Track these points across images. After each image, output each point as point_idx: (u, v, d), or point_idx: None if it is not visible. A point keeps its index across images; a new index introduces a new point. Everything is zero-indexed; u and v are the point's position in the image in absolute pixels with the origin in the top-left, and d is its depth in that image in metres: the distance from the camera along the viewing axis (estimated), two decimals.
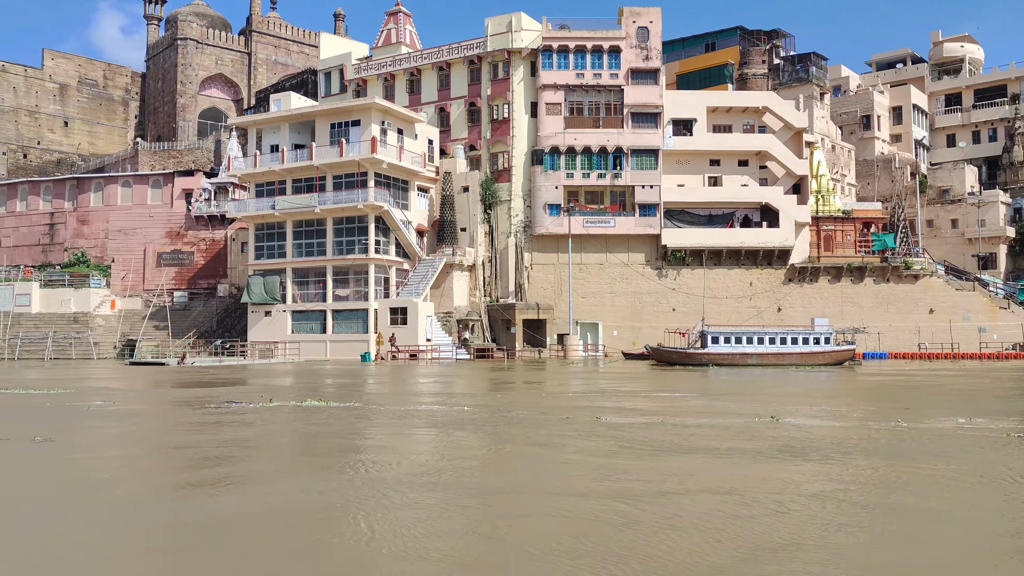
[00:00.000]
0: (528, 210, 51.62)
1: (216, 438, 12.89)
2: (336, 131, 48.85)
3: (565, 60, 51.28)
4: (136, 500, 8.33)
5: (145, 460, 11.38)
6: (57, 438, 12.93)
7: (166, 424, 15.67)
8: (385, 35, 58.79)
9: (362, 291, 48.05)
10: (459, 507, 7.78)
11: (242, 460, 10.75)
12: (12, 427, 14.56)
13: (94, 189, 63.14)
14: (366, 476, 9.42)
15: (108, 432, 14.40)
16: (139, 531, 7.07)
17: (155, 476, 10.07)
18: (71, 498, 8.47)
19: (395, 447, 12.03)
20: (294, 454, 11.64)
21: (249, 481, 9.28)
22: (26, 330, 57.09)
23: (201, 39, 79.36)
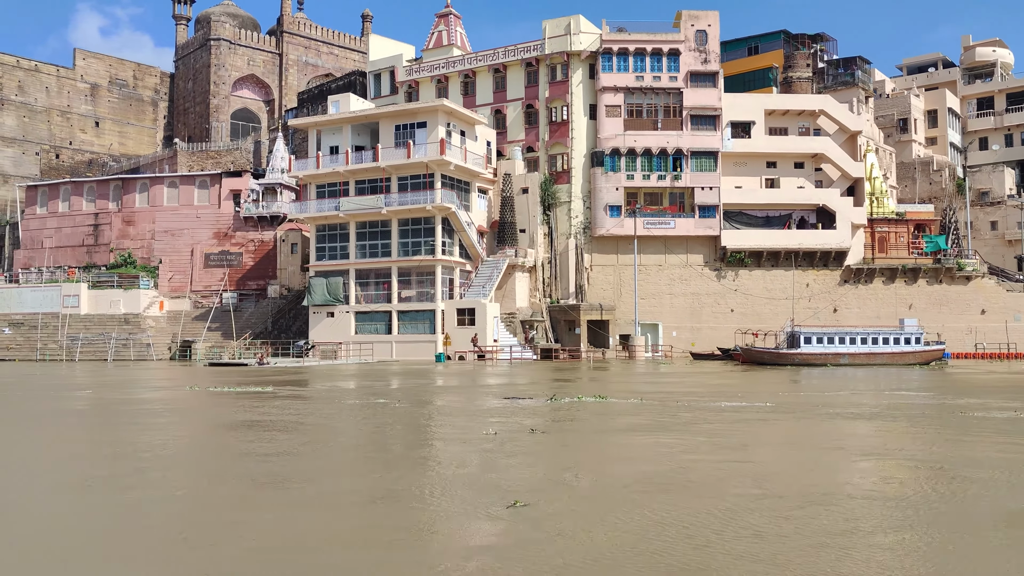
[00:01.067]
0: (588, 211, 51.96)
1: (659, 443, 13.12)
2: (401, 133, 49.00)
3: (624, 63, 51.66)
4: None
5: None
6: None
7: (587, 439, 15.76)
8: (436, 37, 58.91)
9: (428, 292, 48.19)
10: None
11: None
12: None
13: (139, 190, 62.94)
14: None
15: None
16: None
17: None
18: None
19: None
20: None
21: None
22: (76, 331, 56.85)
23: (234, 40, 79.21)
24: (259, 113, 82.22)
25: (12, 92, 73.69)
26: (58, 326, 57.99)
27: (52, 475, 10.01)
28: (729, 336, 50.78)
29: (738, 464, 10.22)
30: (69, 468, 10.45)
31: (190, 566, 6.06)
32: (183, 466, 10.66)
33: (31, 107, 74.83)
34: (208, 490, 9.01)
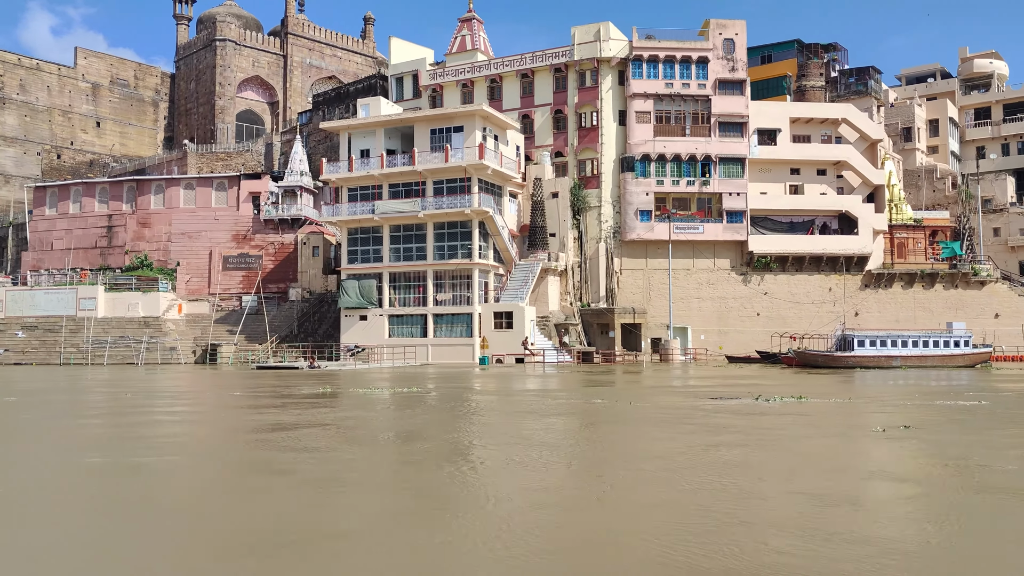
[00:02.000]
0: (617, 216, 52.56)
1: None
2: (437, 137, 49.15)
3: (654, 70, 52.41)
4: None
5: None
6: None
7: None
8: (459, 41, 59.14)
9: (463, 295, 48.37)
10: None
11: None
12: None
13: (154, 191, 62.20)
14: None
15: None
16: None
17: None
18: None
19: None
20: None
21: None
22: (95, 334, 56.01)
23: (239, 41, 78.56)
24: (263, 115, 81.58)
25: (14, 91, 72.27)
26: (74, 329, 57.08)
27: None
28: (755, 339, 51.76)
29: None
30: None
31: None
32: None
33: (32, 106, 73.45)
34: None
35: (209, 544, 6.78)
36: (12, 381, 32.14)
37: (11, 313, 59.27)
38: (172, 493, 8.89)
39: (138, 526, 7.35)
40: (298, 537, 6.72)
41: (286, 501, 8.20)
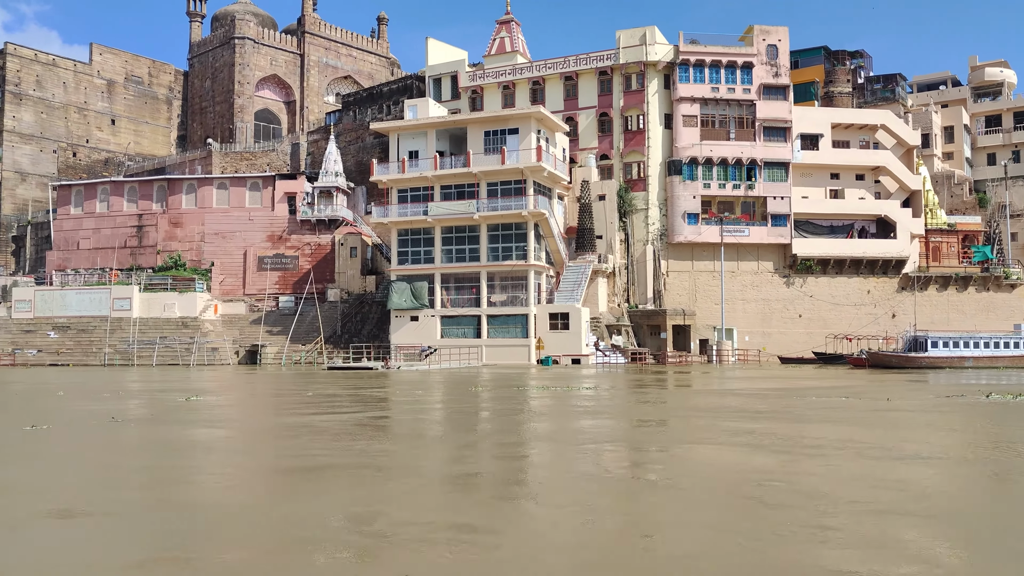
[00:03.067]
0: (664, 218, 53.08)
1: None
2: (491, 138, 49.26)
3: (700, 74, 53.06)
4: None
5: None
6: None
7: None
8: (498, 43, 59.30)
9: (517, 296, 48.52)
10: None
11: None
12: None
13: (186, 190, 61.43)
14: None
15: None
16: None
17: None
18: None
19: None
20: None
21: None
22: (130, 335, 55.20)
23: (258, 39, 77.84)
24: (279, 114, 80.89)
25: (30, 87, 70.85)
26: (110, 330, 56.21)
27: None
28: (798, 341, 52.65)
29: None
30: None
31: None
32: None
33: (49, 103, 72.06)
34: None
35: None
36: (92, 391, 31.59)
37: (40, 313, 58.20)
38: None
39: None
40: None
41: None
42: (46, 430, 14.47)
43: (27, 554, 6.38)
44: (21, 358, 54.13)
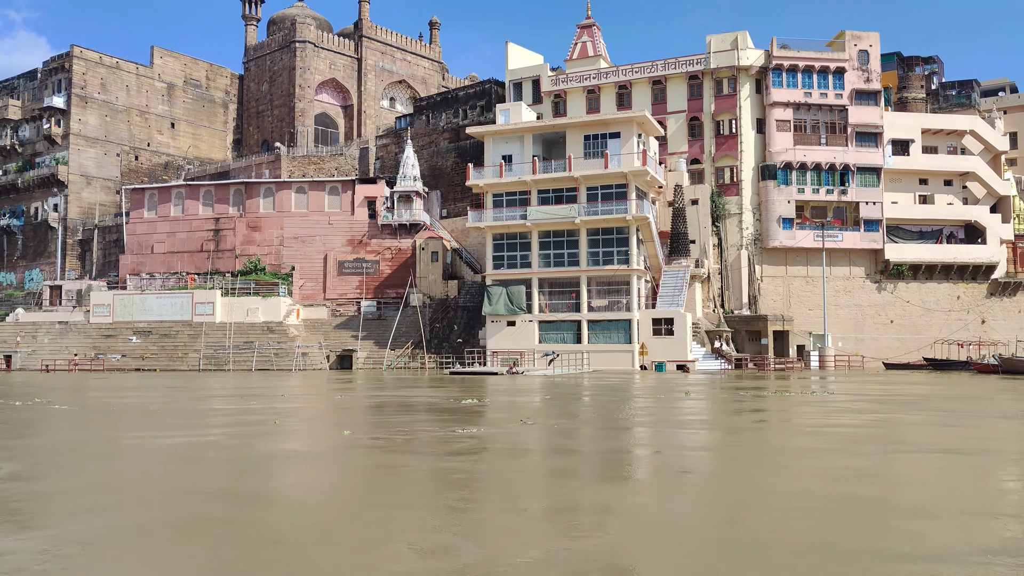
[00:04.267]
0: (757, 223, 52.91)
1: None
2: (591, 142, 49.03)
3: (793, 79, 52.95)
4: None
5: None
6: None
7: None
8: (580, 48, 59.13)
9: (618, 301, 48.24)
10: None
11: None
12: None
13: (263, 194, 61.06)
14: None
15: None
16: None
17: None
18: None
19: None
20: None
21: None
22: (217, 339, 54.82)
23: (317, 42, 77.54)
24: (336, 118, 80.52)
25: (95, 90, 70.34)
26: (193, 334, 55.78)
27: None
28: (889, 347, 52.49)
29: None
30: None
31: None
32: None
33: (112, 106, 71.54)
34: None
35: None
36: (252, 397, 31.15)
37: (120, 318, 57.76)
38: None
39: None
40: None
41: None
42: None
43: None
44: (106, 363, 53.64)
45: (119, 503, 8.48)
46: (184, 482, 9.78)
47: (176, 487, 9.42)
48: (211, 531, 7.20)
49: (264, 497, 8.92)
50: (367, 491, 9.21)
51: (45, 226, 69.80)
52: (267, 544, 6.71)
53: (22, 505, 8.31)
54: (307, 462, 11.83)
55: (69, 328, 58.18)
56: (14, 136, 72.48)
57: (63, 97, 68.89)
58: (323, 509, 8.31)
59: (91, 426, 17.37)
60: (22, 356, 55.80)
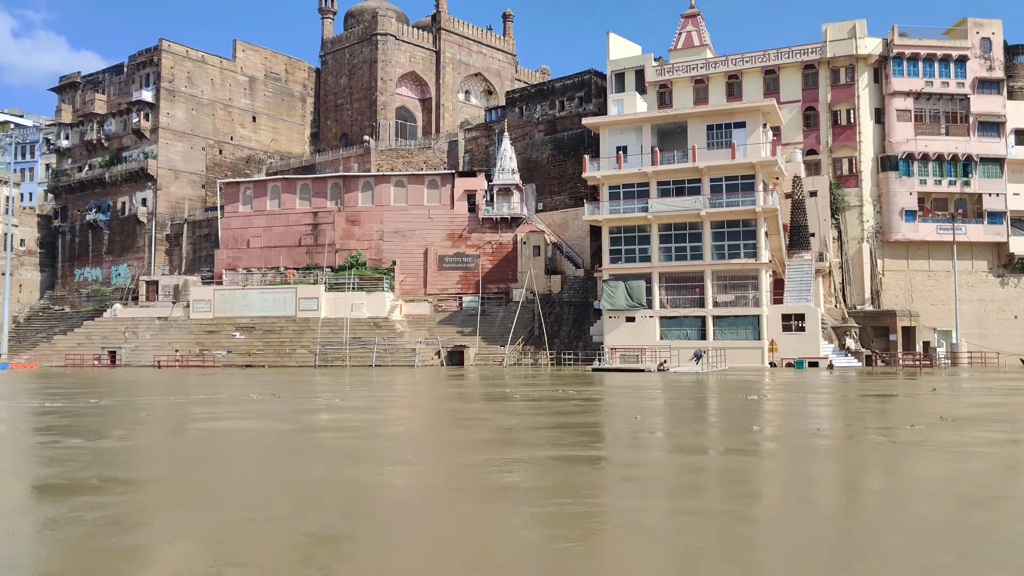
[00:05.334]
0: (878, 216, 51.62)
1: None
2: (714, 133, 47.92)
3: (914, 68, 51.59)
4: None
5: None
6: None
7: None
8: (684, 37, 57.99)
9: (743, 296, 47.14)
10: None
11: None
12: None
13: (362, 188, 60.42)
14: None
15: None
16: None
17: None
18: None
19: None
20: None
21: None
22: (323, 335, 54.25)
23: (398, 35, 76.81)
24: (415, 112, 79.81)
25: (182, 84, 69.99)
26: (298, 330, 55.27)
27: None
28: (1014, 343, 51.02)
29: None
30: None
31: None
32: None
33: (198, 100, 71.19)
34: None
35: None
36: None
37: (220, 314, 57.37)
38: None
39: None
40: None
41: None
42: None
43: None
44: (216, 359, 53.23)
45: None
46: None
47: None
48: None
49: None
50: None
51: (133, 220, 69.59)
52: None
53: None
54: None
55: (169, 324, 57.89)
56: (100, 130, 72.32)
57: (151, 91, 68.59)
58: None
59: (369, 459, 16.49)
60: (126, 352, 55.52)
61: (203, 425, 16.18)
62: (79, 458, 10.94)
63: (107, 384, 31.98)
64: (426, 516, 7.54)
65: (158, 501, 8.22)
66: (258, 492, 8.69)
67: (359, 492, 8.60)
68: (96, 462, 10.68)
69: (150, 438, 14.16)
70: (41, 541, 6.59)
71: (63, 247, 75.27)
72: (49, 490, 8.76)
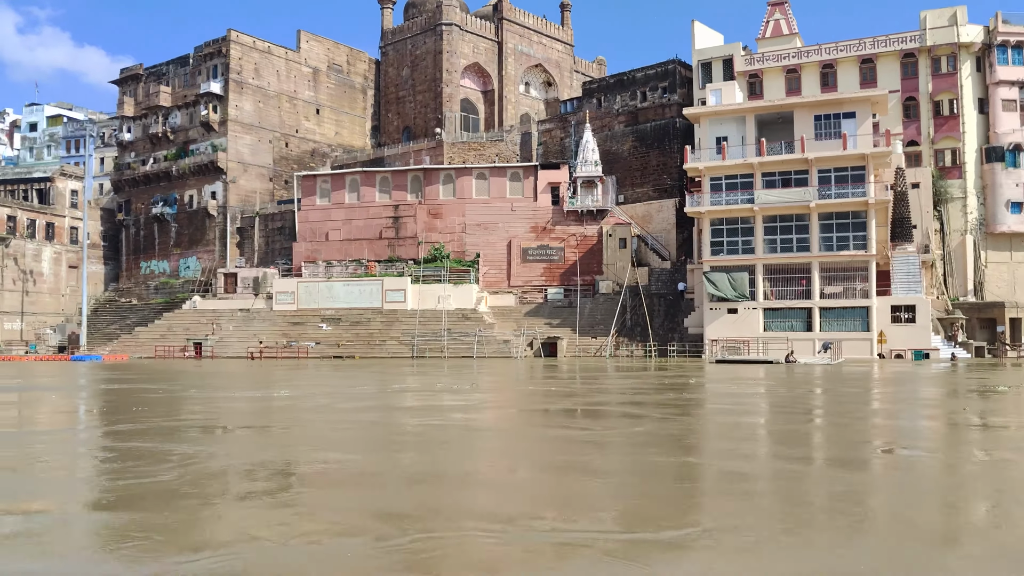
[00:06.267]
0: (982, 207, 50.78)
1: None
2: (820, 123, 47.13)
3: (1019, 56, 50.70)
4: None
5: None
6: None
7: None
8: (773, 26, 57.17)
9: (850, 288, 46.40)
10: None
11: None
12: None
13: (443, 181, 59.74)
14: None
15: None
16: None
17: None
18: None
19: None
20: None
21: None
22: (409, 327, 53.63)
23: (463, 25, 76.05)
24: (476, 103, 79.04)
25: (249, 75, 69.29)
26: (386, 322, 54.70)
27: None
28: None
29: None
30: None
31: None
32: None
33: (265, 91, 70.50)
34: None
35: None
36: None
37: (304, 305, 56.84)
38: None
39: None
40: None
41: None
42: None
43: None
44: (308, 350, 52.70)
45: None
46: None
47: None
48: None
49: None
50: None
51: (202, 213, 68.99)
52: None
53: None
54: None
55: (252, 316, 57.35)
56: (164, 123, 71.71)
57: (219, 83, 67.94)
58: None
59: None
60: (212, 343, 55.00)
61: (480, 418, 15.51)
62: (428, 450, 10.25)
63: (234, 377, 31.38)
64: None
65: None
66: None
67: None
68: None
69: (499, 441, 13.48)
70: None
71: (127, 240, 74.76)
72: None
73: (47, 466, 9.60)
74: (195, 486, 7.73)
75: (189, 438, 11.82)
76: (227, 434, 12.93)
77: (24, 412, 17.92)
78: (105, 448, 11.02)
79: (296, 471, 8.91)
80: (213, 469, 8.94)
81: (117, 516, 6.66)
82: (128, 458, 9.73)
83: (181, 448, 10.42)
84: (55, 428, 14.45)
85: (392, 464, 9.29)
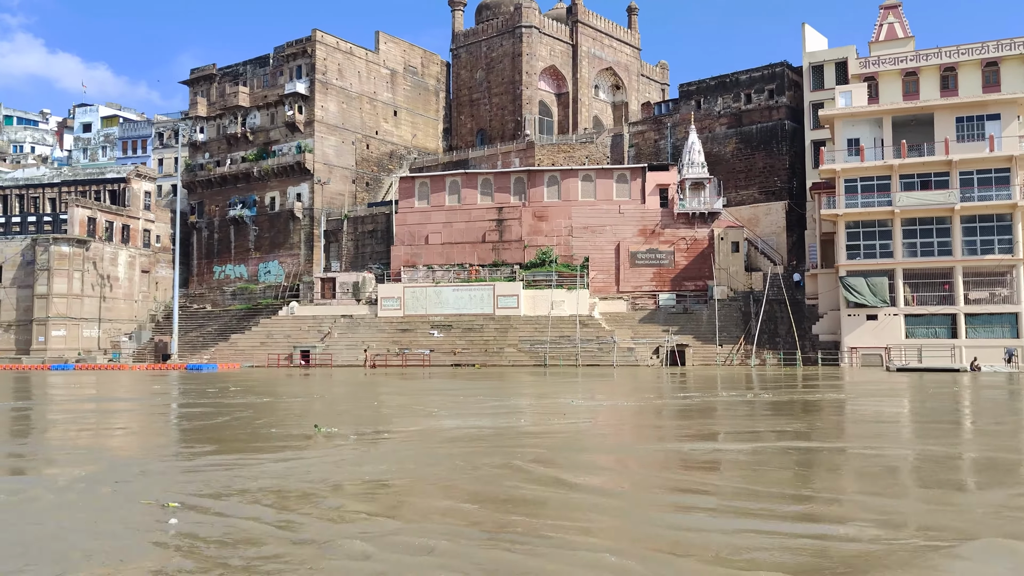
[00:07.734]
0: None
1: None
2: (963, 125, 46.39)
3: None
4: None
5: None
6: None
7: None
8: (886, 29, 56.50)
9: (996, 293, 45.60)
10: None
11: None
12: None
13: (547, 183, 58.63)
14: None
15: None
16: None
17: None
18: None
19: None
20: None
21: None
22: (526, 334, 52.46)
23: (541, 28, 75.08)
24: (551, 106, 78.01)
25: (333, 76, 67.92)
26: (499, 328, 53.49)
27: None
28: None
29: None
30: None
31: None
32: None
33: (347, 92, 69.16)
34: None
35: None
36: None
37: (411, 311, 55.55)
38: None
39: None
40: None
41: None
42: None
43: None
44: (417, 358, 51.38)
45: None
46: None
47: None
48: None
49: None
50: None
51: (285, 216, 67.53)
52: None
53: None
54: None
55: (356, 322, 55.98)
56: (243, 124, 70.26)
57: (305, 83, 66.58)
58: None
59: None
60: (319, 351, 53.60)
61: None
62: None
63: (408, 391, 30.08)
64: None
65: None
66: None
67: None
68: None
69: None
70: None
71: (198, 243, 73.13)
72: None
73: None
74: None
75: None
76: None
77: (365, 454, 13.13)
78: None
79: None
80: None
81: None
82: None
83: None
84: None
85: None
